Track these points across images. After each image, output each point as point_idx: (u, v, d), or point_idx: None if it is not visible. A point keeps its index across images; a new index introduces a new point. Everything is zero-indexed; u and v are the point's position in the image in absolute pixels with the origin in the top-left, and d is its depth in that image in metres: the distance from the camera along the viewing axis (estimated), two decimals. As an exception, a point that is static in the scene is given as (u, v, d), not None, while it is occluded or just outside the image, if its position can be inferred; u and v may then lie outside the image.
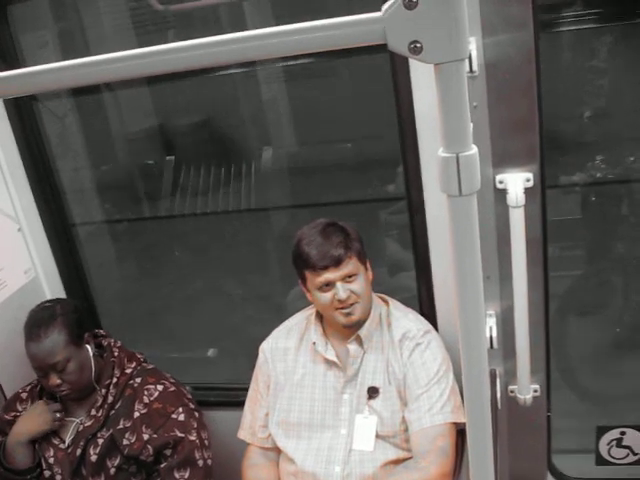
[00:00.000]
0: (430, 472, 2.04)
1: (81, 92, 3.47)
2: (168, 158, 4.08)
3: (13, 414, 2.50)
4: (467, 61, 0.78)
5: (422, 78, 2.01)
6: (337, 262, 2.09)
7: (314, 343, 2.26)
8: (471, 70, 1.95)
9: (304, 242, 2.14)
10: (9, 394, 2.61)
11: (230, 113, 3.89)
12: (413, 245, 2.38)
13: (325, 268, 2.09)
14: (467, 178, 0.79)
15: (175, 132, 4.15)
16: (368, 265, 2.21)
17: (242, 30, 0.82)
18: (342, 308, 2.13)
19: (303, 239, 2.15)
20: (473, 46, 1.93)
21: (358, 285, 2.13)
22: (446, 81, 0.77)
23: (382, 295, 2.33)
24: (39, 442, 2.42)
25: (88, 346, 2.42)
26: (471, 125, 0.80)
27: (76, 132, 3.87)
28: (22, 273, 2.76)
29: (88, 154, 4.01)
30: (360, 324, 2.18)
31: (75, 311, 2.44)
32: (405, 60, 2.04)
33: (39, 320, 2.36)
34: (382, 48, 0.79)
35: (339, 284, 2.10)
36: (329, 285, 2.11)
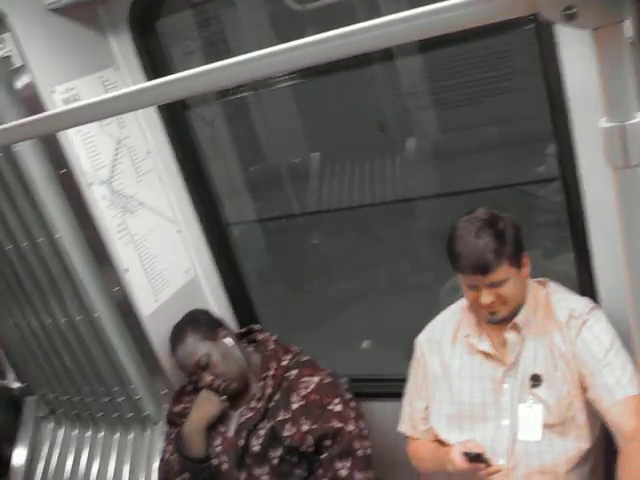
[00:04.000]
0: None
1: (226, 96, 3.59)
2: (312, 155, 4.14)
3: (181, 406, 2.64)
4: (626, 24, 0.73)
5: (572, 49, 1.91)
6: (484, 270, 1.98)
7: (467, 335, 2.22)
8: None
9: (457, 239, 2.04)
10: (176, 387, 2.76)
11: (372, 105, 3.89)
12: (570, 227, 2.27)
13: (472, 273, 2.02)
14: (635, 147, 0.73)
15: (318, 128, 4.20)
16: (525, 260, 2.08)
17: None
18: (486, 308, 2.07)
19: (457, 234, 2.05)
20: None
21: (506, 290, 2.02)
22: (606, 46, 0.72)
23: (540, 279, 2.24)
24: (208, 431, 2.53)
25: (225, 340, 2.53)
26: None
27: (224, 135, 4.02)
28: (183, 272, 2.90)
29: (237, 155, 4.15)
30: (508, 318, 2.10)
31: (200, 313, 2.66)
32: (551, 33, 1.95)
33: (174, 336, 2.58)
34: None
35: (484, 289, 2.02)
36: (475, 286, 2.05)
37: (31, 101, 2.32)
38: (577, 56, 1.88)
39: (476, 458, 2.01)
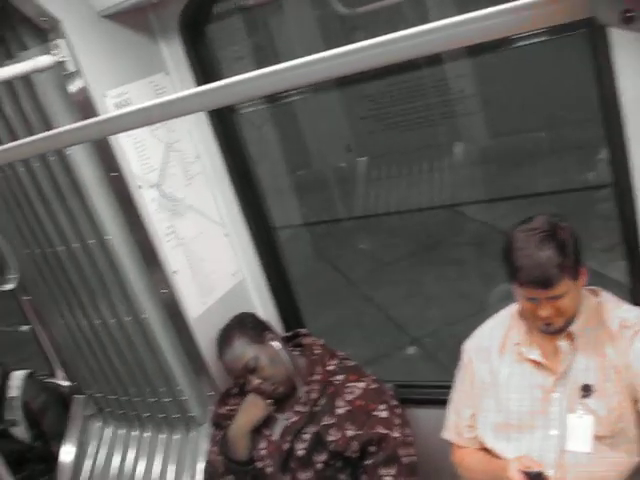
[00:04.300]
0: None
1: (275, 101, 3.61)
2: (359, 159, 4.14)
3: (227, 408, 2.65)
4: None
5: (626, 54, 1.87)
6: (547, 285, 1.92)
7: (516, 343, 2.18)
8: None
9: (517, 249, 1.97)
10: (222, 389, 2.78)
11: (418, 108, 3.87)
12: (622, 234, 2.22)
13: (532, 287, 1.96)
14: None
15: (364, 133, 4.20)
16: (582, 270, 2.02)
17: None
18: (543, 320, 2.02)
19: (517, 245, 1.97)
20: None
21: (564, 302, 1.97)
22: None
23: (592, 288, 2.18)
24: (253, 435, 2.54)
25: (273, 343, 2.52)
26: None
27: (272, 139, 4.04)
28: (230, 275, 2.91)
29: (283, 159, 4.17)
30: (563, 328, 2.06)
31: (247, 316, 2.66)
32: (605, 38, 1.91)
33: (221, 339, 2.58)
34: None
35: (544, 303, 1.96)
36: (534, 299, 2.00)
37: (84, 105, 2.36)
38: (632, 60, 1.84)
39: (536, 477, 1.94)
